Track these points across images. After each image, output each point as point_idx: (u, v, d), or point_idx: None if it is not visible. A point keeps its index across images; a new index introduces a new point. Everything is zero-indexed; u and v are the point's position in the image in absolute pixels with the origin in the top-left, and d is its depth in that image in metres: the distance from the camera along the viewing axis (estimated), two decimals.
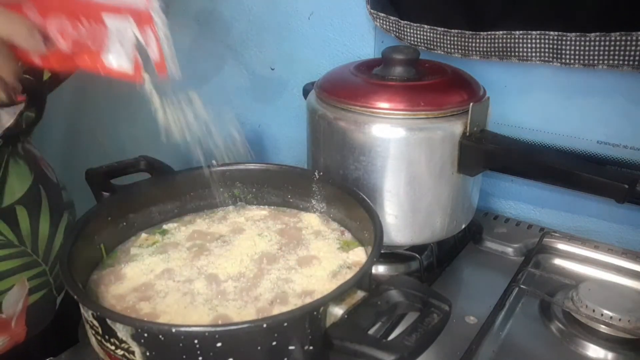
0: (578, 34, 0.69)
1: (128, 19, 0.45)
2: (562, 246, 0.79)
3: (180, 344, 0.41)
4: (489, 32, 0.76)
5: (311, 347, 0.44)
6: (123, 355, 0.44)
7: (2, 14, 0.39)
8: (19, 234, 0.64)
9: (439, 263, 0.75)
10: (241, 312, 0.50)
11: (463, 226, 0.74)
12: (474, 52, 0.79)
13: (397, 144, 0.65)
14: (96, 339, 0.46)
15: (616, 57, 0.68)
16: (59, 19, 0.42)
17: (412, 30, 0.83)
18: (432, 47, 0.82)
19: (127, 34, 0.45)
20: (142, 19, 0.45)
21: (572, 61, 0.71)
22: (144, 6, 0.45)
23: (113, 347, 0.44)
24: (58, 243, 0.70)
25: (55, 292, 0.70)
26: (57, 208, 0.72)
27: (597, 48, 0.68)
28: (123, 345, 0.43)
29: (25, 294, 0.65)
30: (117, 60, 0.45)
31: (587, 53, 0.69)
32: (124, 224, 0.63)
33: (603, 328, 0.61)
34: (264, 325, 0.42)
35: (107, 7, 0.44)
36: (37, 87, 0.66)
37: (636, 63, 0.66)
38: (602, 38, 0.67)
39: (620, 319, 0.61)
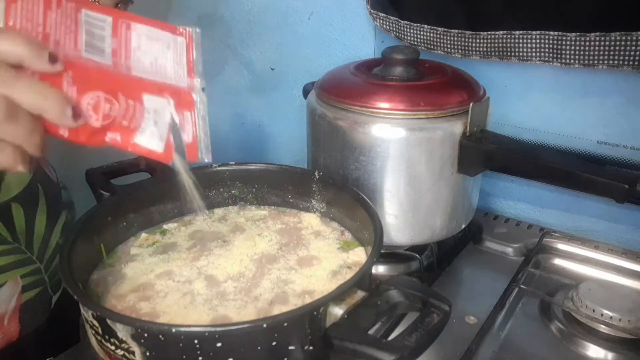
0: (578, 34, 0.69)
1: (167, 97, 0.43)
2: (562, 246, 0.79)
3: (180, 344, 0.41)
4: (489, 32, 0.76)
5: (311, 347, 0.44)
6: (123, 355, 0.44)
7: (35, 85, 0.37)
8: (13, 231, 0.64)
9: (439, 263, 0.75)
10: (241, 312, 0.50)
11: (463, 226, 0.74)
12: (474, 52, 0.79)
13: (397, 144, 0.65)
14: (96, 339, 0.46)
15: (616, 57, 0.68)
16: (94, 93, 0.40)
17: (412, 30, 0.83)
18: (432, 47, 0.82)
19: (163, 114, 0.43)
20: (182, 98, 0.44)
21: (572, 61, 0.71)
22: (186, 84, 0.44)
23: (113, 347, 0.44)
24: (54, 242, 0.70)
25: (51, 290, 0.70)
26: (55, 207, 0.72)
27: (597, 48, 0.68)
28: (123, 345, 0.43)
29: (19, 291, 0.65)
30: (149, 139, 0.43)
31: (587, 53, 0.69)
32: (124, 224, 0.63)
33: (603, 328, 0.61)
34: (264, 325, 0.42)
35: (148, 86, 0.42)
36: None
37: (636, 63, 0.66)
38: (602, 38, 0.67)
39: (620, 319, 0.61)
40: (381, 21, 0.86)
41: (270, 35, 1.09)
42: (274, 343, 0.42)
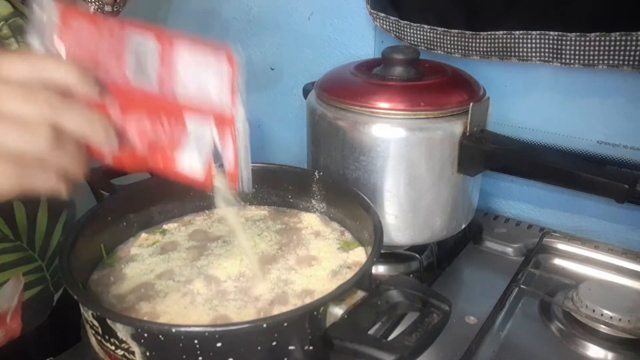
0: (578, 34, 0.69)
1: (210, 122, 0.42)
2: (562, 246, 0.79)
3: (180, 344, 0.41)
4: (489, 32, 0.76)
5: (311, 347, 0.44)
6: (123, 355, 0.44)
7: (82, 113, 0.38)
8: (14, 229, 0.65)
9: (439, 263, 0.75)
10: (241, 312, 0.50)
11: (463, 226, 0.74)
12: (474, 52, 0.79)
13: (397, 144, 0.65)
14: (96, 339, 0.46)
15: (616, 57, 0.68)
16: (140, 118, 0.40)
17: (412, 30, 0.83)
18: (432, 47, 0.82)
19: (205, 138, 0.42)
20: (224, 124, 0.42)
21: (572, 61, 0.71)
22: (229, 111, 0.42)
23: (113, 347, 0.44)
24: (55, 240, 0.70)
25: (53, 288, 0.70)
26: (56, 205, 0.72)
27: (597, 48, 0.68)
28: (123, 345, 0.43)
29: (21, 289, 0.65)
30: (190, 163, 0.42)
31: (587, 53, 0.69)
32: (124, 224, 0.63)
33: (603, 328, 0.61)
34: (264, 325, 0.42)
35: (190, 107, 0.42)
36: None
37: (636, 63, 0.66)
38: (602, 38, 0.67)
39: (620, 319, 0.61)
40: (381, 21, 0.86)
41: (270, 35, 1.09)
42: (274, 343, 0.42)
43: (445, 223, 0.70)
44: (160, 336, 0.41)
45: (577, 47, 0.70)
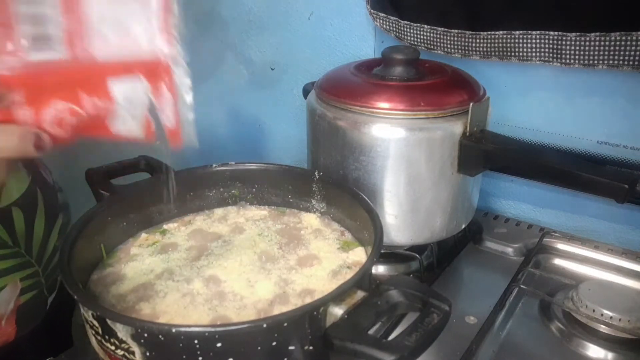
0: (578, 34, 0.69)
1: (139, 78, 0.36)
2: (562, 246, 0.79)
3: (180, 344, 0.41)
4: (489, 32, 0.76)
5: (311, 347, 0.44)
6: (123, 355, 0.44)
7: None
8: (13, 235, 0.64)
9: (439, 263, 0.75)
10: (241, 312, 0.50)
11: (463, 226, 0.74)
12: (474, 52, 0.79)
13: (397, 144, 0.65)
14: (96, 339, 0.46)
15: (616, 57, 0.68)
16: (55, 106, 0.34)
17: (412, 30, 0.83)
18: (432, 47, 0.82)
19: (137, 98, 0.36)
20: (159, 74, 0.36)
21: (572, 61, 0.71)
22: (163, 56, 0.35)
23: (113, 347, 0.44)
24: (52, 244, 0.70)
25: (47, 292, 0.70)
26: (53, 210, 0.72)
27: (597, 48, 0.68)
28: (123, 345, 0.43)
29: (17, 294, 0.65)
30: (124, 126, 0.37)
31: (587, 53, 0.69)
32: (124, 224, 0.63)
33: (603, 328, 0.61)
34: (264, 325, 0.42)
35: (113, 68, 0.35)
36: None
37: (636, 63, 0.66)
38: (602, 38, 0.67)
39: (620, 319, 0.61)
40: (381, 21, 0.86)
41: (270, 35, 1.09)
42: (274, 343, 0.42)
43: (445, 223, 0.70)
44: (160, 336, 0.41)
45: (577, 47, 0.70)
